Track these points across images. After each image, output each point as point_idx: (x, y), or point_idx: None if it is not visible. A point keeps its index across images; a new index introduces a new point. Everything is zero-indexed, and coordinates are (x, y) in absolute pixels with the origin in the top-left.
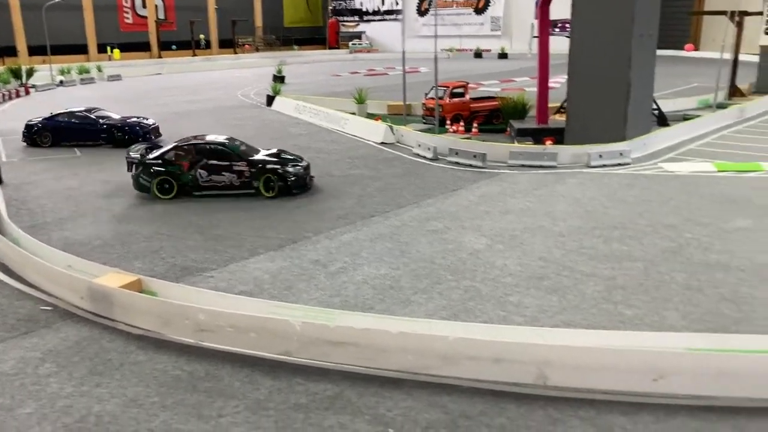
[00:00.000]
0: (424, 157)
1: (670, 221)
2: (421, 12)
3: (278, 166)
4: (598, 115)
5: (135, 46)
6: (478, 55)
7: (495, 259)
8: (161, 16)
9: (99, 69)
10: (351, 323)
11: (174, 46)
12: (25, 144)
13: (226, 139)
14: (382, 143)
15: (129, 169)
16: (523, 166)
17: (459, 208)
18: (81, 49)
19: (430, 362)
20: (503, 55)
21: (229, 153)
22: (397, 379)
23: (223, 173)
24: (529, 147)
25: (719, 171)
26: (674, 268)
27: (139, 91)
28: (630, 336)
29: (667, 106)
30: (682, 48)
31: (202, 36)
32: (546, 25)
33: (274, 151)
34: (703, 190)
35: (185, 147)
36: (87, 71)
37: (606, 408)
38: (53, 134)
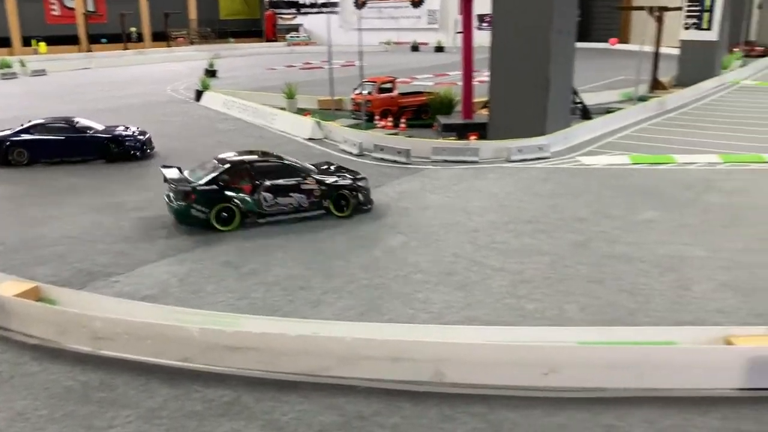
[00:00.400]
0: (350, 153)
1: (581, 214)
2: (359, 5)
3: (352, 182)
4: (519, 110)
5: (62, 39)
6: (415, 48)
7: (409, 255)
8: (90, 8)
9: (22, 63)
10: (250, 327)
11: (104, 40)
12: None
13: (276, 155)
14: (310, 139)
15: (178, 199)
16: (446, 161)
17: (379, 204)
18: (4, 42)
19: (328, 364)
20: (439, 49)
21: (297, 170)
22: (296, 382)
23: (291, 194)
24: (451, 142)
25: (634, 164)
26: (580, 261)
27: (65, 87)
28: (523, 331)
29: (591, 99)
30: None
31: (133, 29)
32: (469, 21)
33: (331, 165)
34: (616, 183)
35: (244, 166)
36: (8, 65)
37: (498, 403)
38: (30, 150)
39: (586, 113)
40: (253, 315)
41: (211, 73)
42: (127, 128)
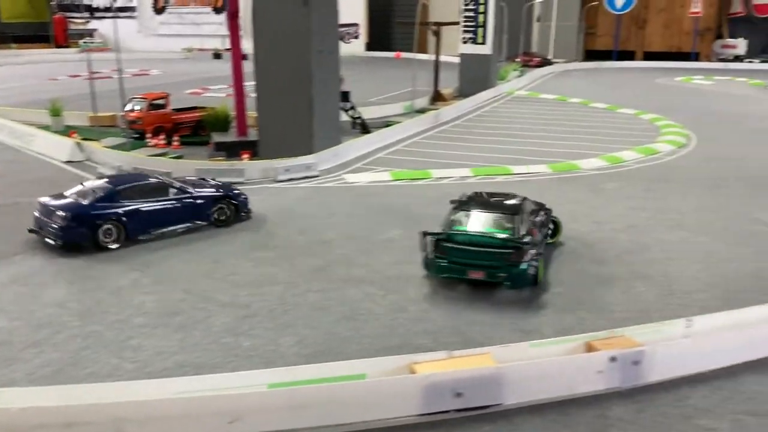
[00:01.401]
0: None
1: (327, 236)
2: (158, 10)
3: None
4: (287, 129)
5: None
6: (217, 56)
7: (136, 295)
8: None
9: None
10: None
11: None
12: (54, 243)
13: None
14: (69, 162)
15: (434, 251)
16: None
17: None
18: None
19: None
20: (243, 57)
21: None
22: None
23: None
24: (216, 163)
25: (394, 180)
26: (312, 288)
27: None
28: (211, 379)
29: (375, 112)
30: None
31: None
32: (236, 37)
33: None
34: (372, 201)
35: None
36: None
37: None
38: (128, 224)
39: (365, 127)
40: None
41: None
42: (220, 183)
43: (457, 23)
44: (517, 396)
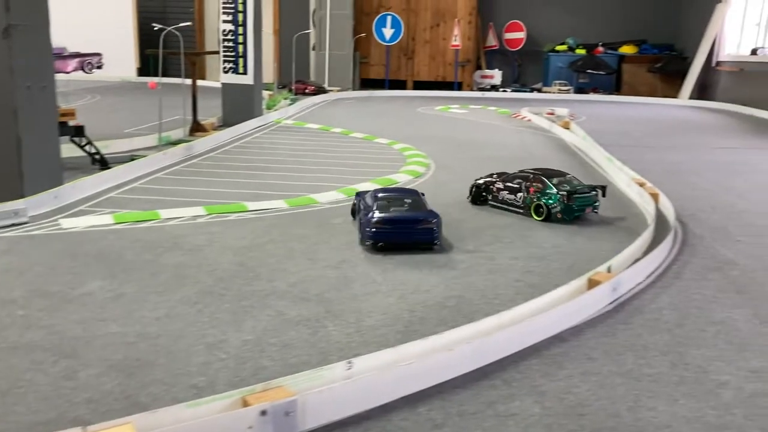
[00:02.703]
0: None
1: (14, 295)
2: None
3: None
4: None
5: None
6: None
7: None
8: None
9: None
10: None
11: None
12: None
13: None
14: None
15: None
16: None
17: None
18: None
19: None
20: None
21: None
22: None
23: None
24: None
25: (117, 223)
26: None
27: None
28: None
29: (122, 146)
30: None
31: None
32: None
33: None
34: (82, 249)
35: None
36: None
37: None
38: None
39: (104, 163)
40: None
41: None
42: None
43: (217, 52)
44: None
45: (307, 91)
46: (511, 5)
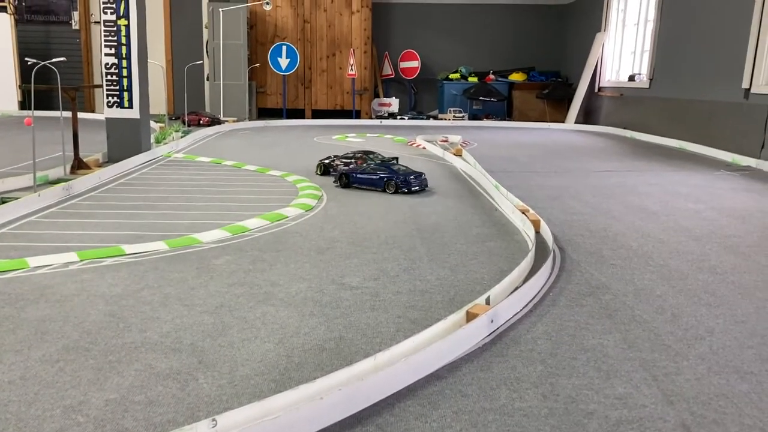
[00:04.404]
0: None
1: None
2: None
3: None
4: None
5: None
6: None
7: None
8: None
9: None
10: None
11: None
12: None
13: None
14: None
15: None
16: None
17: None
18: None
19: None
20: None
21: None
22: None
23: None
24: None
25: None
26: None
27: None
28: None
29: None
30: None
31: None
32: None
33: None
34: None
35: None
36: None
37: None
38: None
39: None
40: None
41: None
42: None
43: (99, 86)
44: None
45: (201, 122)
46: (405, 35)
